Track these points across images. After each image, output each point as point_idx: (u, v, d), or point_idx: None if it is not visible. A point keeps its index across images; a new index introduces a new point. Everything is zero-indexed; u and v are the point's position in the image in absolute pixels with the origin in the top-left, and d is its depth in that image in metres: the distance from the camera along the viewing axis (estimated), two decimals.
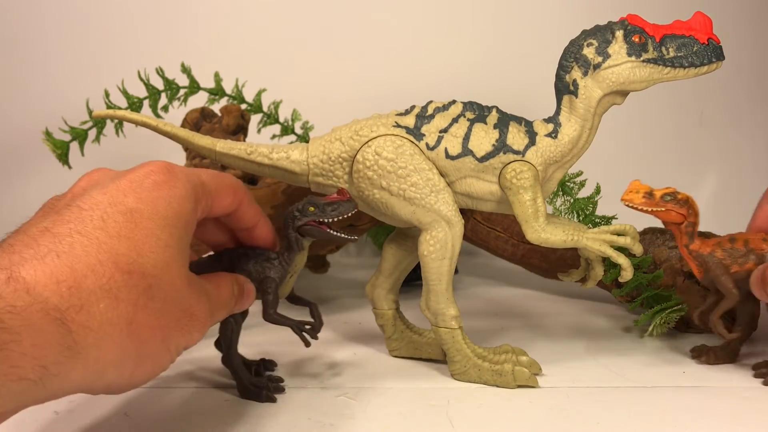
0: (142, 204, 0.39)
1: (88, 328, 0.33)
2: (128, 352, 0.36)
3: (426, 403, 0.50)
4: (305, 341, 0.50)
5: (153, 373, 0.39)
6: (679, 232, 0.54)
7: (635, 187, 0.53)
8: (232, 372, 0.51)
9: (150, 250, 0.37)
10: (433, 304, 0.53)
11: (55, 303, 0.32)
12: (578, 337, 0.65)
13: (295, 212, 0.49)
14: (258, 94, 0.78)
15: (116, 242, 0.36)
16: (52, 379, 0.32)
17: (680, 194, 0.53)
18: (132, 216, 0.38)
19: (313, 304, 0.52)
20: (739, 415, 0.48)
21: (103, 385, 0.36)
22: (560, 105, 0.53)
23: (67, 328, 0.32)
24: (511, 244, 0.78)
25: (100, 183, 0.40)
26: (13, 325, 0.30)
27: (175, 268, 0.39)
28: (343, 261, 1.01)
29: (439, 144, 0.52)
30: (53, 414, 0.48)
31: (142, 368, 0.37)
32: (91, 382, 0.35)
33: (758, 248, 0.54)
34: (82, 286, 0.33)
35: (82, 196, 0.39)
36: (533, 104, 0.60)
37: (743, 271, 0.54)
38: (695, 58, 0.50)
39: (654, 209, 0.53)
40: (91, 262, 0.34)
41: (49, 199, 0.41)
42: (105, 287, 0.34)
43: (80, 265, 0.34)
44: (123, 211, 0.38)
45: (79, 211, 0.37)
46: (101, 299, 0.34)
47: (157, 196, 0.40)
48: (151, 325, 0.37)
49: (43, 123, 0.73)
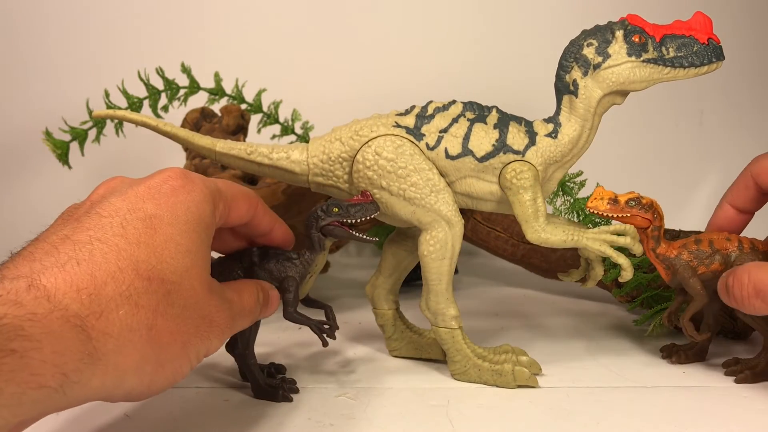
0: (161, 210, 0.39)
1: (108, 335, 0.33)
2: (148, 357, 0.36)
3: (426, 403, 0.50)
4: (323, 341, 0.50)
5: (173, 380, 0.39)
6: (645, 236, 0.54)
7: (599, 194, 0.53)
8: (247, 372, 0.51)
9: (169, 256, 0.38)
10: (433, 304, 0.53)
11: (76, 310, 0.32)
12: (578, 337, 0.66)
13: (319, 212, 0.49)
14: (258, 94, 0.78)
15: (136, 249, 0.36)
16: (72, 386, 0.32)
17: (644, 199, 0.53)
18: (151, 222, 0.38)
19: (328, 306, 0.52)
20: (739, 415, 0.48)
21: (123, 392, 0.36)
22: (560, 105, 0.53)
23: (87, 335, 0.32)
24: (511, 244, 0.78)
25: (119, 190, 0.41)
26: (34, 332, 0.30)
27: (195, 273, 0.39)
28: (343, 261, 1.01)
29: (439, 144, 0.52)
30: (53, 414, 0.48)
31: (162, 374, 0.37)
32: (111, 389, 0.35)
33: (723, 248, 0.54)
34: (102, 293, 0.34)
35: (102, 203, 0.39)
36: (533, 104, 0.60)
37: (710, 272, 0.54)
38: (695, 58, 0.50)
39: (619, 215, 0.53)
40: (111, 269, 0.35)
41: (68, 207, 0.41)
42: (125, 294, 0.35)
43: (100, 272, 0.34)
44: (142, 217, 0.38)
45: (99, 218, 0.38)
46: (121, 306, 0.34)
47: (175, 201, 0.40)
48: (171, 330, 0.37)
49: (43, 123, 0.74)
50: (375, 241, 0.50)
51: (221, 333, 0.41)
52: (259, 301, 0.47)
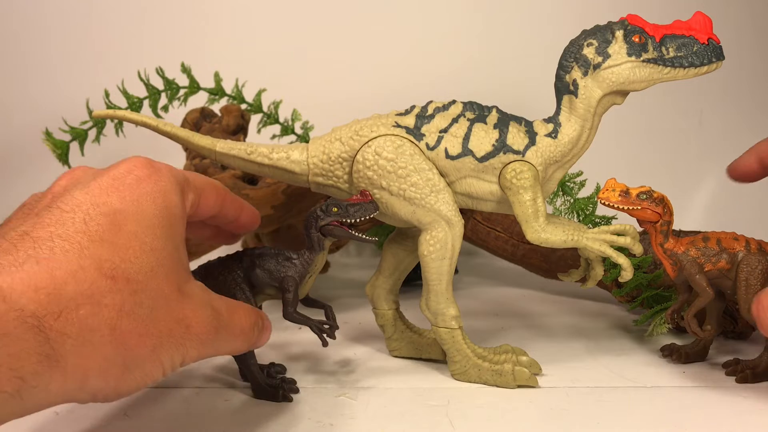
0: (125, 204, 0.37)
1: (66, 335, 0.32)
2: (112, 360, 0.34)
3: (426, 403, 0.50)
4: (323, 341, 0.50)
5: (142, 383, 0.36)
6: (654, 230, 0.54)
7: (611, 185, 0.53)
8: (247, 372, 0.51)
9: (134, 254, 0.36)
10: (433, 304, 0.53)
11: (32, 310, 0.31)
12: (578, 337, 0.65)
13: (318, 212, 0.49)
14: (258, 94, 0.78)
15: (99, 247, 0.35)
16: (30, 391, 0.30)
17: (656, 193, 0.53)
18: (115, 218, 0.36)
19: (328, 306, 0.52)
20: (739, 415, 0.48)
21: (87, 394, 0.34)
22: (560, 105, 0.53)
23: (45, 336, 0.31)
24: (511, 244, 0.78)
25: (82, 181, 0.39)
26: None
27: (162, 273, 0.37)
28: (343, 261, 1.01)
29: (439, 144, 0.52)
30: (53, 414, 0.48)
31: (129, 377, 0.35)
32: (73, 392, 0.33)
33: (730, 248, 0.54)
34: (61, 292, 0.32)
35: (63, 196, 0.37)
36: (533, 104, 0.60)
37: (716, 269, 0.54)
38: (695, 58, 0.50)
39: (630, 207, 0.53)
40: (72, 267, 0.33)
41: (29, 197, 0.40)
42: (86, 293, 0.33)
43: (60, 271, 0.33)
44: (106, 212, 0.36)
45: (60, 213, 0.36)
46: (81, 305, 0.33)
47: (140, 193, 0.39)
48: (138, 332, 0.35)
49: (43, 123, 0.74)
50: (375, 241, 0.50)
51: (200, 343, 0.39)
52: (258, 326, 0.45)
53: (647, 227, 0.55)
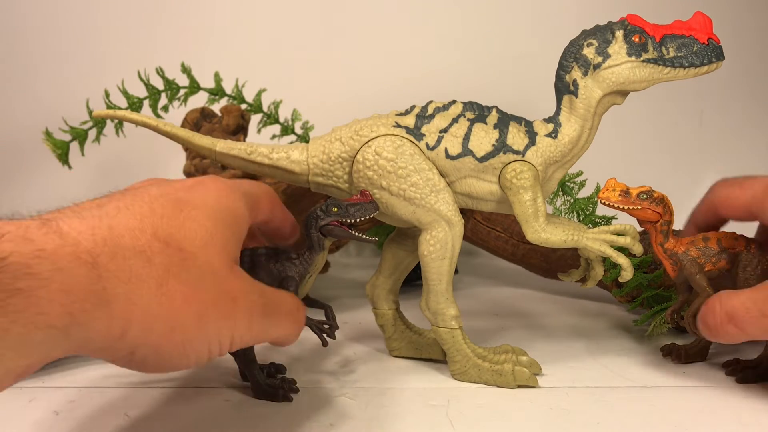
0: (191, 196, 0.40)
1: (117, 278, 0.32)
2: (156, 314, 0.34)
3: (426, 403, 0.50)
4: (323, 341, 0.50)
5: (183, 352, 0.36)
6: (654, 230, 0.55)
7: (611, 185, 0.53)
8: (247, 372, 0.51)
9: (190, 230, 0.38)
10: (433, 304, 0.53)
11: (88, 247, 0.32)
12: (578, 337, 0.66)
13: (318, 212, 0.49)
14: (258, 94, 0.78)
15: (159, 220, 0.37)
16: (77, 328, 0.31)
17: (656, 193, 0.53)
18: (179, 203, 0.39)
19: (328, 306, 0.52)
20: (740, 415, 0.48)
21: (128, 347, 0.34)
22: (560, 105, 0.53)
23: (98, 274, 0.32)
24: (511, 244, 0.78)
25: (156, 183, 0.42)
26: (42, 270, 0.29)
27: (213, 250, 0.38)
28: (343, 261, 1.01)
29: (439, 144, 0.52)
30: (53, 414, 0.48)
31: (171, 340, 0.35)
32: (114, 340, 0.33)
33: (730, 247, 0.54)
34: (117, 242, 0.33)
35: (138, 188, 0.40)
36: (533, 104, 0.60)
37: (716, 269, 0.54)
38: (695, 58, 0.50)
39: (630, 207, 0.53)
40: (131, 226, 0.35)
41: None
42: (139, 248, 0.34)
43: (119, 227, 0.34)
44: (172, 199, 0.39)
45: (132, 195, 0.38)
46: (134, 257, 0.34)
47: (207, 192, 0.41)
48: (184, 294, 0.35)
49: (43, 123, 0.74)
50: (375, 241, 0.50)
51: (248, 315, 0.39)
52: (302, 310, 0.46)
53: (647, 227, 0.55)
